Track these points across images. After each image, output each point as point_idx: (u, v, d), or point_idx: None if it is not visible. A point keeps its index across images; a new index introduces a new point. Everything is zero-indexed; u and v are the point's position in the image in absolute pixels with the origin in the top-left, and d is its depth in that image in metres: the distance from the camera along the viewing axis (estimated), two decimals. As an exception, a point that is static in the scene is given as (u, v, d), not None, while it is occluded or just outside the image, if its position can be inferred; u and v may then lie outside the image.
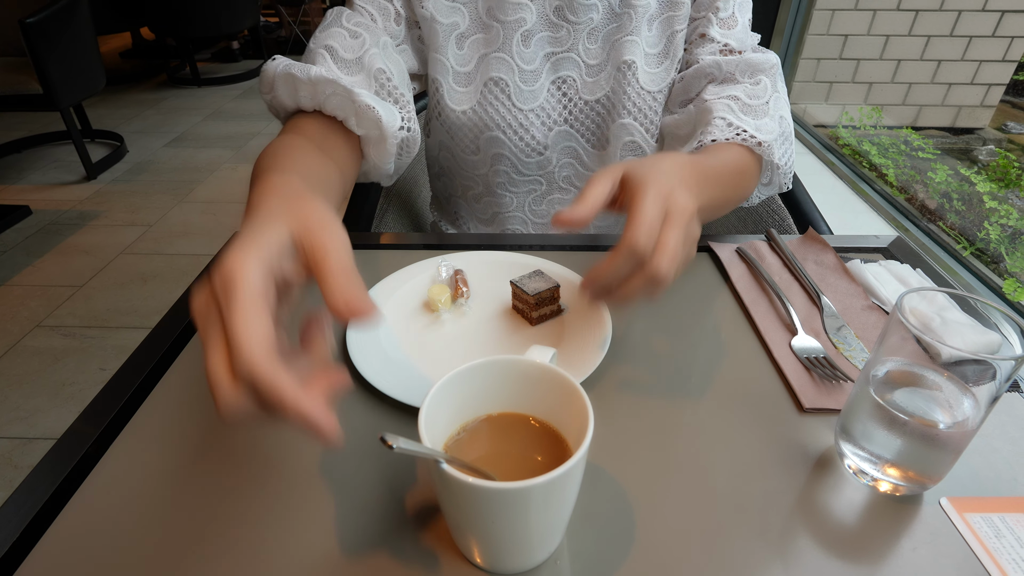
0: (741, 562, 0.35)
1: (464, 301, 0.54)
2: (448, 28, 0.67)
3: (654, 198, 0.39)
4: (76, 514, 0.38)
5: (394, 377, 0.46)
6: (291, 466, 0.40)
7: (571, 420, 0.33)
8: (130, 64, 4.24)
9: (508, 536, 0.32)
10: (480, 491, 0.28)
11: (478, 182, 0.76)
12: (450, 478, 0.28)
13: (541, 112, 0.71)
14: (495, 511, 0.30)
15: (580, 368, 0.46)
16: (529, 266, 0.59)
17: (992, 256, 1.45)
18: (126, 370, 0.49)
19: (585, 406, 0.32)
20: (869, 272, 0.58)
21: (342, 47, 0.60)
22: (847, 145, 2.10)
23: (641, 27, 0.67)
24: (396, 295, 0.56)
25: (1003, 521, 0.37)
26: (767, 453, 0.41)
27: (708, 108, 0.63)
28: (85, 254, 2.12)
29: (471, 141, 0.71)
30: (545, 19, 0.67)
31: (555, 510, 0.32)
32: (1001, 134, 2.20)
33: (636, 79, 0.68)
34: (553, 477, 0.28)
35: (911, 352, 0.35)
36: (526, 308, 0.52)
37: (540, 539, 0.33)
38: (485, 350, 0.50)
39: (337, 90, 0.56)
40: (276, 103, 0.59)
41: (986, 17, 2.01)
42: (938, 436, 0.36)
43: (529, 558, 0.34)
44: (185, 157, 2.89)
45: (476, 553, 0.34)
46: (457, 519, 0.32)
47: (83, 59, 2.47)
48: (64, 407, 1.49)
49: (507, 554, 0.33)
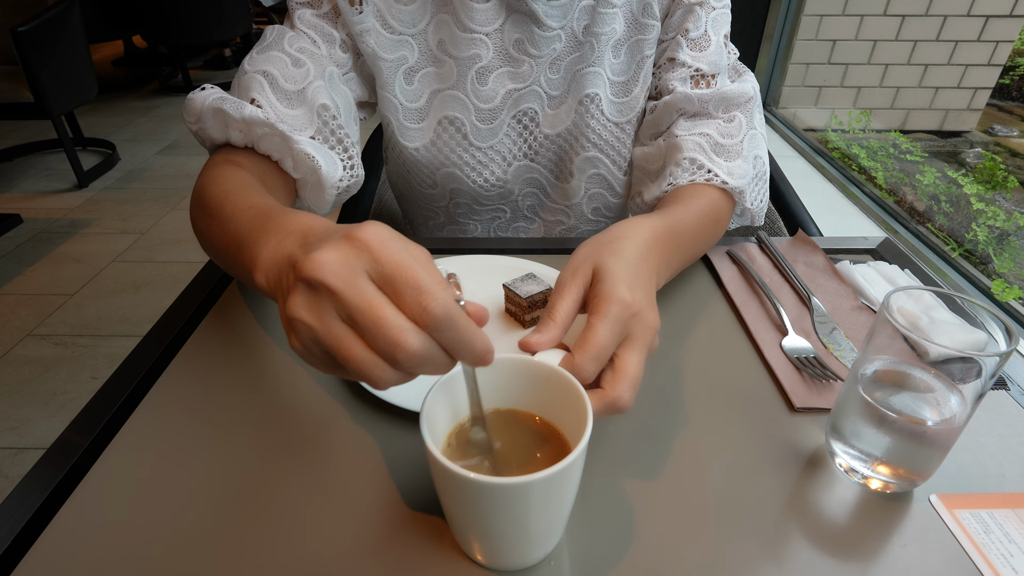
0: (735, 560, 0.35)
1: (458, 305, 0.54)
2: (394, 64, 0.61)
3: (615, 319, 0.36)
4: (66, 524, 0.37)
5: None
6: (285, 472, 0.40)
7: (571, 418, 0.34)
8: (122, 72, 4.23)
9: (508, 532, 0.32)
10: (481, 486, 0.28)
11: (439, 213, 0.73)
12: (451, 473, 0.29)
13: (501, 147, 0.67)
14: (495, 506, 0.30)
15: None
16: (522, 269, 0.59)
17: (980, 257, 1.46)
18: (117, 378, 0.49)
19: (584, 404, 0.32)
20: (858, 273, 0.59)
21: (283, 75, 0.54)
22: (836, 149, 2.12)
23: (605, 56, 0.63)
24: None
25: (991, 517, 0.37)
26: (759, 452, 0.42)
27: (678, 145, 0.60)
28: (77, 262, 2.11)
29: (427, 176, 0.68)
30: (504, 54, 0.62)
31: (555, 506, 0.32)
32: (988, 137, 2.22)
33: (601, 111, 0.65)
34: (553, 472, 0.28)
35: (899, 351, 0.35)
36: (519, 311, 0.53)
37: (540, 536, 0.33)
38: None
39: (274, 132, 0.52)
40: (203, 135, 0.54)
41: (971, 22, 2.04)
42: (926, 433, 0.36)
43: (529, 555, 0.34)
44: (178, 165, 2.88)
45: (476, 550, 0.34)
46: (458, 515, 0.33)
47: (75, 67, 2.46)
48: (55, 416, 1.48)
49: (507, 550, 0.34)
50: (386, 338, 0.27)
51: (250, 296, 0.58)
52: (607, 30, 0.62)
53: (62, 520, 0.37)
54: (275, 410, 0.45)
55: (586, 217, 0.73)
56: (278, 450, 0.42)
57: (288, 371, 0.49)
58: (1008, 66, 2.12)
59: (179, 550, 0.35)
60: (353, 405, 0.46)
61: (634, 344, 0.37)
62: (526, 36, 0.61)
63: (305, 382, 0.48)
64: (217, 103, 0.51)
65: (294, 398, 0.46)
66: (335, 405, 0.46)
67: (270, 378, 0.48)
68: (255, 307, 0.57)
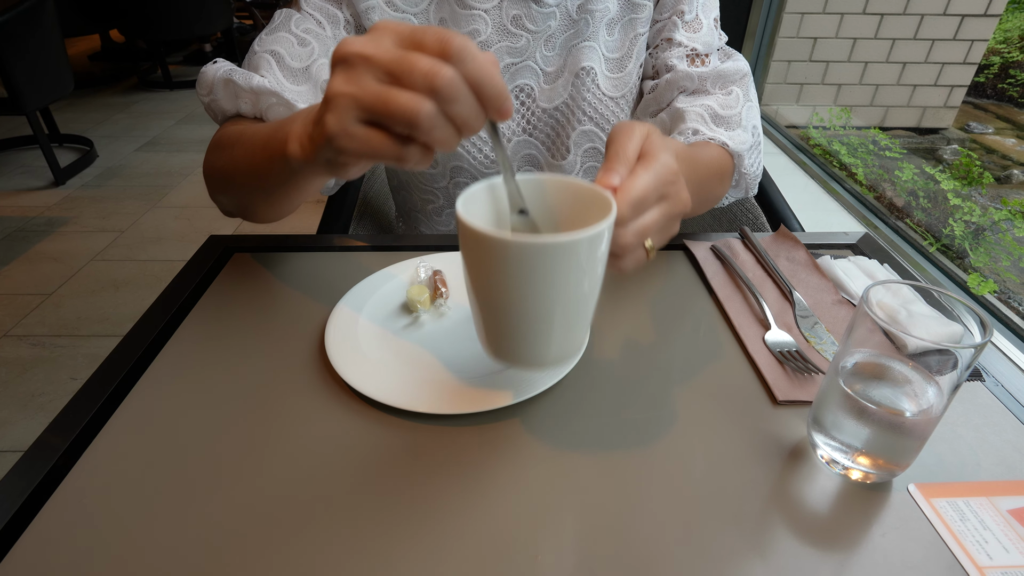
0: (718, 551, 0.35)
1: (443, 301, 0.54)
2: None
3: (658, 175, 0.38)
4: (45, 528, 0.37)
5: (374, 379, 0.46)
6: (270, 471, 0.40)
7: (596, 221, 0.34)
8: (99, 67, 4.15)
9: (537, 308, 0.34)
10: (514, 246, 0.31)
11: (438, 195, 0.74)
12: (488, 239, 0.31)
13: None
14: (526, 269, 0.32)
15: (559, 366, 0.47)
16: None
17: (957, 252, 1.50)
18: (97, 379, 0.48)
19: (610, 204, 0.34)
20: (839, 268, 0.59)
21: (289, 54, 0.58)
22: (818, 145, 2.15)
23: (599, 32, 0.66)
24: (375, 297, 0.56)
25: (967, 505, 0.38)
26: (742, 445, 0.42)
27: (681, 115, 0.63)
28: (54, 261, 2.07)
29: None
30: (502, 29, 0.65)
31: (577, 283, 0.33)
32: (964, 134, 2.27)
33: (596, 85, 0.67)
34: (581, 236, 0.30)
35: (878, 343, 0.36)
36: None
37: (565, 322, 0.35)
38: (464, 349, 0.50)
39: (280, 100, 0.55)
40: (215, 107, 0.58)
41: (947, 21, 2.08)
42: (904, 424, 0.37)
43: (555, 347, 0.36)
44: (158, 162, 2.84)
45: (507, 344, 0.36)
46: (492, 299, 0.34)
47: (50, 62, 2.40)
48: (33, 419, 1.45)
49: (536, 337, 0.35)
50: (421, 71, 0.30)
51: (234, 295, 0.58)
52: (600, 8, 0.65)
53: (41, 524, 0.37)
54: (259, 410, 0.45)
55: None
56: (262, 450, 0.42)
57: (272, 370, 0.48)
58: (983, 64, 2.17)
59: (161, 553, 0.35)
60: (333, 407, 0.45)
61: (663, 204, 0.39)
62: (524, 12, 0.64)
63: (289, 380, 0.47)
64: (227, 74, 0.55)
65: (279, 396, 0.46)
66: (320, 404, 0.45)
67: (254, 378, 0.48)
68: (239, 306, 0.56)
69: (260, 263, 0.63)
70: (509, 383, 0.46)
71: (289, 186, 0.46)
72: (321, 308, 0.55)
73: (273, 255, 0.64)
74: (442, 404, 0.44)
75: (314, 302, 0.56)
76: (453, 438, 0.43)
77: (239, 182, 0.50)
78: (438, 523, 0.37)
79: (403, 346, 0.51)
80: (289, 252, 0.64)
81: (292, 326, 0.53)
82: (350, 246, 0.66)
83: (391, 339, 0.51)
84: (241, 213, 0.58)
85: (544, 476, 0.40)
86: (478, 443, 0.42)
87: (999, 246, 1.46)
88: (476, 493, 0.39)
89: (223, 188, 0.55)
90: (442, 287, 0.55)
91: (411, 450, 0.42)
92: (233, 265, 0.62)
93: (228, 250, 0.65)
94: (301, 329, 0.53)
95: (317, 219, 0.87)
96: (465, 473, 0.40)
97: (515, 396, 0.44)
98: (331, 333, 0.50)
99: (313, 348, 0.51)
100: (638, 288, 0.59)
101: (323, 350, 0.50)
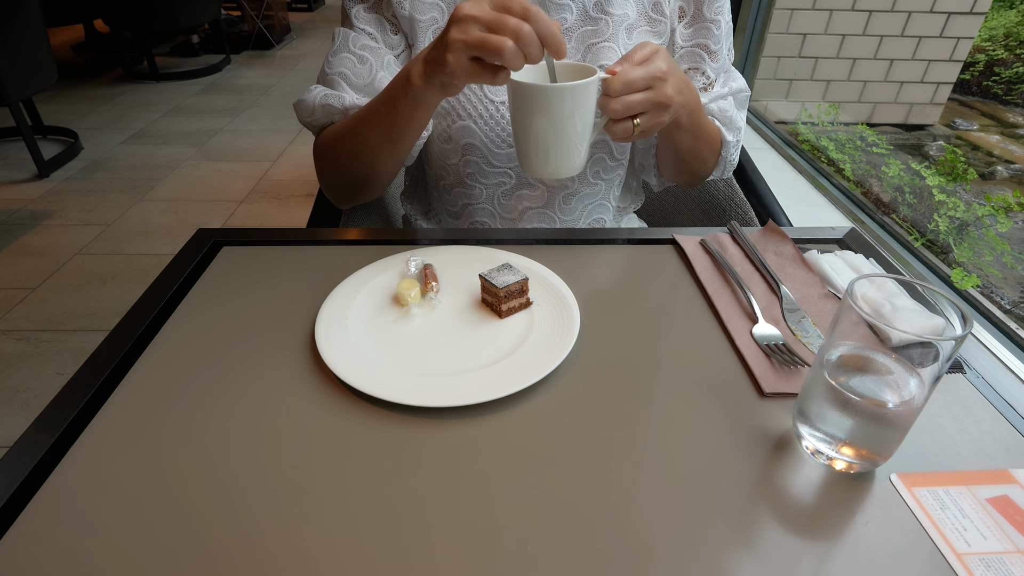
0: (704, 540, 0.36)
1: (433, 295, 0.55)
2: (426, 24, 0.69)
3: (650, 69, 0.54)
4: (29, 526, 0.37)
5: (363, 372, 0.46)
6: (255, 467, 0.40)
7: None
8: (83, 58, 4.08)
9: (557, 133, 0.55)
10: (540, 89, 0.54)
11: (449, 172, 0.77)
12: (522, 86, 0.54)
13: None
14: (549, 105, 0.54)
15: (548, 359, 0.47)
16: (498, 260, 0.59)
17: (941, 247, 1.52)
18: (84, 373, 0.47)
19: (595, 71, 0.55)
20: (825, 262, 0.60)
21: (353, 73, 0.68)
22: (806, 141, 2.17)
23: (619, 35, 0.69)
24: (365, 289, 0.56)
25: (947, 494, 0.39)
26: (729, 437, 0.43)
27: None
28: (38, 255, 2.04)
29: (443, 130, 0.73)
30: None
31: (579, 118, 0.55)
32: (950, 131, 2.30)
33: None
34: (571, 85, 0.53)
35: (862, 336, 0.37)
36: (495, 301, 0.53)
37: (572, 143, 0.56)
38: (455, 343, 0.50)
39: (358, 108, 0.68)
40: (315, 124, 0.70)
41: (934, 18, 2.10)
42: (887, 415, 0.38)
43: (568, 162, 0.58)
44: (144, 154, 2.80)
45: (535, 160, 0.57)
46: (527, 127, 0.56)
47: (32, 52, 2.36)
48: (19, 415, 1.43)
49: (555, 153, 0.57)
50: (511, 27, 0.48)
51: (222, 289, 0.57)
52: (620, 13, 0.69)
53: (26, 521, 0.37)
54: (247, 404, 0.45)
55: (587, 180, 0.77)
56: (250, 443, 0.42)
57: (261, 364, 0.48)
58: (968, 62, 2.19)
59: (149, 549, 0.35)
60: (323, 400, 0.45)
61: (649, 91, 0.55)
62: (538, 2, 0.68)
63: (278, 375, 0.47)
64: (323, 100, 0.68)
65: (267, 391, 0.46)
66: (309, 397, 0.45)
67: (243, 372, 0.48)
68: (227, 300, 0.56)
69: (249, 256, 0.62)
70: (499, 377, 0.46)
71: (411, 119, 0.60)
72: (309, 302, 0.55)
73: (262, 248, 0.63)
74: (431, 397, 0.44)
75: (302, 296, 0.56)
76: (441, 430, 0.43)
77: (367, 141, 0.64)
78: (427, 514, 0.37)
79: (393, 340, 0.51)
80: (278, 246, 0.64)
81: (281, 320, 0.53)
82: (338, 240, 0.66)
83: (381, 333, 0.51)
84: (366, 182, 0.69)
85: (532, 467, 0.40)
86: (466, 435, 0.42)
87: (982, 241, 1.48)
88: (465, 484, 0.39)
89: (350, 166, 0.67)
90: (432, 281, 0.55)
91: (401, 442, 0.42)
92: (222, 258, 0.62)
93: (217, 243, 0.64)
94: (289, 323, 0.53)
95: (306, 214, 0.87)
96: (454, 465, 0.40)
97: (504, 389, 0.44)
98: (321, 326, 0.50)
99: (301, 341, 0.51)
100: (627, 280, 0.60)
101: (311, 343, 0.50)
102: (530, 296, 0.54)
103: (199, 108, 3.37)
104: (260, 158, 2.77)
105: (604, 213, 0.79)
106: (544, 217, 0.77)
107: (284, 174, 2.62)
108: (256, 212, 2.34)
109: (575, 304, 0.53)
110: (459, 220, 0.80)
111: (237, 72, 4.00)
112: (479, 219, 0.78)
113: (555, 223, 0.77)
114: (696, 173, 0.75)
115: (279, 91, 3.65)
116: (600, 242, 0.66)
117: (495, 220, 0.78)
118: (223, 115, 3.27)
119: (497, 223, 0.78)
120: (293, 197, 2.44)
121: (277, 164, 2.71)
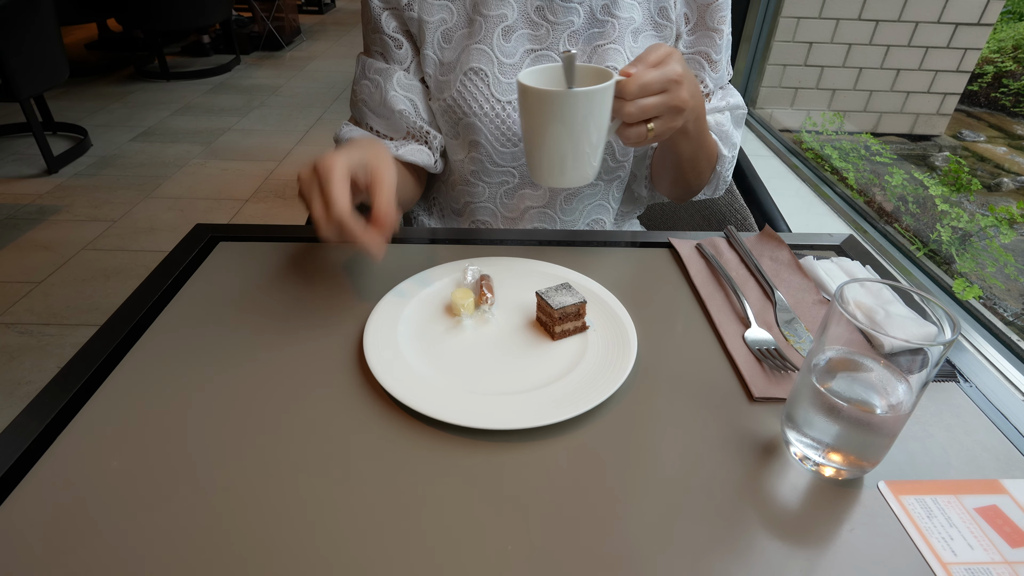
0: (691, 544, 0.36)
1: (487, 308, 0.53)
2: (434, 25, 0.70)
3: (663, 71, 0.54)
4: (12, 514, 0.37)
5: (412, 386, 0.45)
6: (243, 459, 0.40)
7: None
8: (96, 56, 4.12)
9: (569, 141, 0.54)
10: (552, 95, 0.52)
11: (454, 168, 0.77)
12: (533, 91, 0.53)
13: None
14: (561, 112, 0.53)
15: (590, 395, 0.44)
16: (558, 278, 0.58)
17: (944, 257, 1.51)
18: (75, 364, 0.48)
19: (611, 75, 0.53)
20: (821, 268, 0.60)
21: (370, 98, 0.72)
22: (810, 149, 2.16)
23: (625, 37, 0.69)
24: (419, 296, 0.55)
25: (935, 502, 0.38)
26: (718, 441, 0.43)
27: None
28: (44, 250, 2.05)
29: (451, 127, 0.73)
30: (526, 17, 0.69)
31: (593, 124, 0.54)
32: (957, 141, 2.28)
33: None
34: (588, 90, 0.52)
35: (850, 341, 0.37)
36: (549, 321, 0.51)
37: (587, 151, 0.56)
38: (499, 360, 0.49)
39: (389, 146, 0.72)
40: None
41: (941, 29, 2.09)
42: (874, 421, 0.37)
43: (579, 170, 0.57)
44: (152, 152, 2.82)
45: (546, 169, 0.57)
46: (538, 134, 0.55)
47: (45, 49, 2.39)
48: (18, 407, 1.44)
49: (567, 163, 0.56)
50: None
51: (217, 284, 0.58)
52: (626, 16, 0.69)
53: (9, 508, 0.37)
54: (236, 398, 0.45)
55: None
56: (240, 439, 0.42)
57: (249, 359, 0.49)
58: (976, 73, 2.18)
59: (134, 542, 0.35)
60: (317, 390, 0.45)
61: (664, 95, 0.54)
62: (546, 4, 0.69)
63: (267, 370, 0.47)
64: (349, 133, 0.74)
65: (256, 386, 0.46)
66: (295, 389, 0.45)
67: (231, 366, 0.48)
68: (221, 295, 0.56)
69: (245, 252, 0.62)
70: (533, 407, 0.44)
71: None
72: (304, 298, 0.55)
73: (259, 244, 0.64)
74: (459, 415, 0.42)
75: (297, 292, 0.56)
76: (434, 433, 0.43)
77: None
78: (406, 515, 0.37)
79: (443, 352, 0.49)
80: (275, 242, 0.64)
81: (272, 315, 0.53)
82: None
83: (431, 343, 0.50)
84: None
85: (519, 468, 0.40)
86: (460, 434, 0.42)
87: (985, 252, 1.47)
88: (447, 484, 0.39)
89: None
90: (488, 293, 0.54)
91: (401, 443, 0.42)
92: (218, 254, 0.62)
93: (213, 239, 0.65)
94: (281, 318, 0.53)
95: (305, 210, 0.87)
96: (441, 469, 0.40)
97: (534, 420, 0.42)
98: (371, 327, 0.50)
99: (293, 336, 0.51)
100: (623, 283, 0.60)
101: (305, 337, 0.50)
102: (587, 320, 0.52)
103: (208, 107, 3.40)
104: (267, 158, 2.79)
105: (604, 214, 0.79)
106: (545, 217, 0.77)
107: (290, 174, 2.63)
108: (261, 211, 2.35)
109: (634, 338, 0.50)
110: (461, 217, 0.80)
111: (246, 72, 4.03)
112: (480, 217, 0.78)
113: (555, 223, 0.77)
114: (690, 186, 0.74)
115: (287, 92, 3.68)
116: (598, 244, 0.66)
117: (496, 219, 0.78)
118: (231, 114, 3.30)
119: (499, 222, 0.78)
120: (298, 196, 2.45)
121: (283, 164, 2.73)
